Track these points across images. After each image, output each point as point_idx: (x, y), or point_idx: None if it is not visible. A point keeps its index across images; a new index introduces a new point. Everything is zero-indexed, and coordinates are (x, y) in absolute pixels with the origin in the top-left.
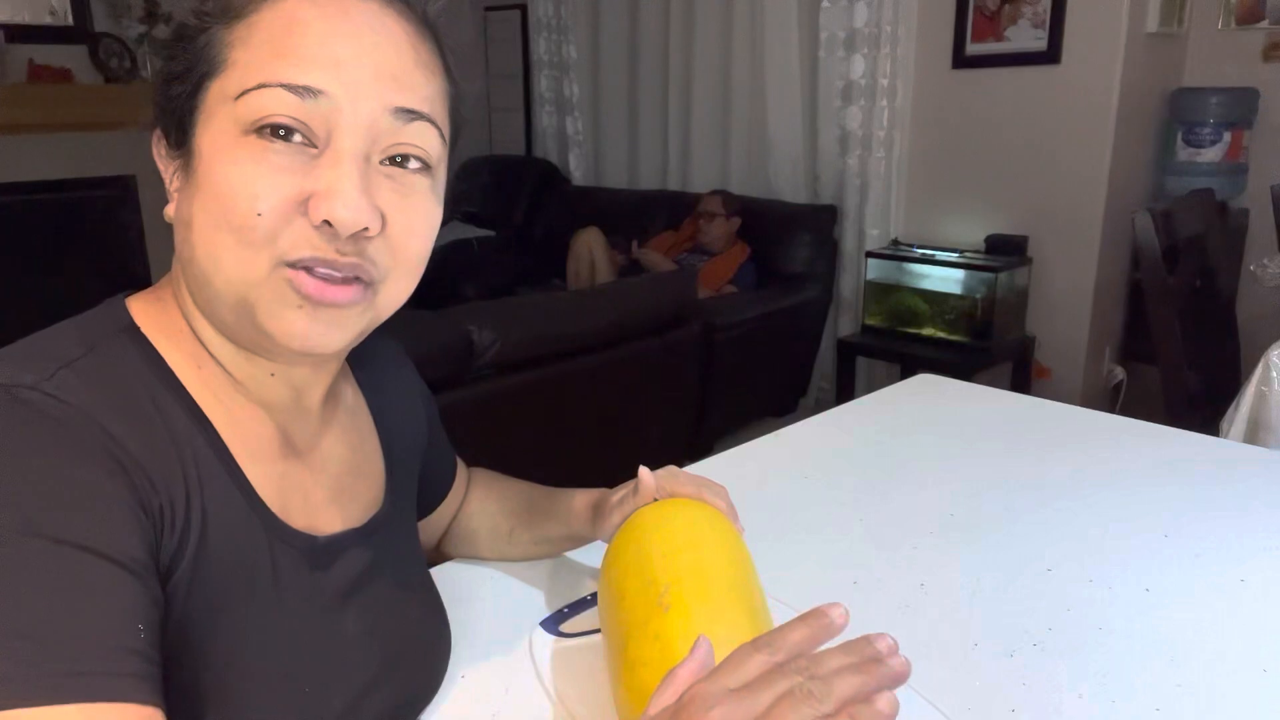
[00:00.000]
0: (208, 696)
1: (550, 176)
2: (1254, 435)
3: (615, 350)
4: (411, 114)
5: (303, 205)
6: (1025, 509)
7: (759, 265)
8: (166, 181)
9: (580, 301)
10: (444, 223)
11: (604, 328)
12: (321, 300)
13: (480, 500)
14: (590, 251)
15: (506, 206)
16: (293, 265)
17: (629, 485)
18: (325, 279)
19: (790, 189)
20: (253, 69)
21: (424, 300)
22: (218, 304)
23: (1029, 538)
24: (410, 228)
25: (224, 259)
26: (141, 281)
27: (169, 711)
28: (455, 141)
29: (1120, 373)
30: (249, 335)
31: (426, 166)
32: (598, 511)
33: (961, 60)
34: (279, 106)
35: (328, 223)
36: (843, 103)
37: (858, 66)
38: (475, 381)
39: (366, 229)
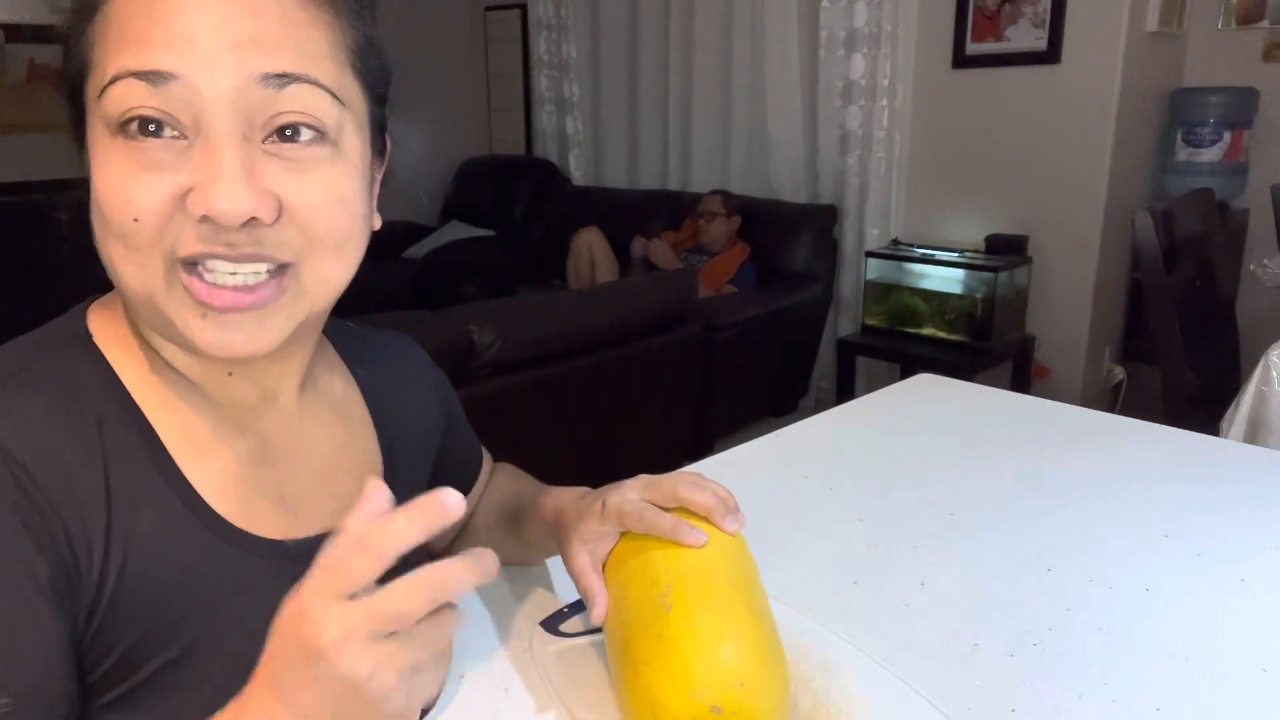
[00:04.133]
0: (183, 711)
1: (550, 176)
2: (1254, 435)
3: (615, 350)
4: (284, 78)
5: (182, 201)
6: (1025, 509)
7: (759, 265)
8: None
9: (580, 301)
10: (444, 223)
11: (604, 328)
12: (223, 306)
13: (487, 499)
14: (590, 251)
15: (506, 206)
16: (187, 264)
17: (594, 511)
18: (224, 283)
19: (790, 189)
20: (107, 63)
21: (424, 300)
22: (136, 311)
23: (1029, 538)
24: (315, 205)
25: (120, 266)
26: None
27: None
28: (382, 95)
29: (1120, 373)
30: (177, 340)
31: (321, 135)
32: (560, 526)
33: (961, 60)
34: (135, 99)
35: (208, 217)
36: (843, 103)
37: (858, 66)
38: (475, 381)
39: (256, 218)
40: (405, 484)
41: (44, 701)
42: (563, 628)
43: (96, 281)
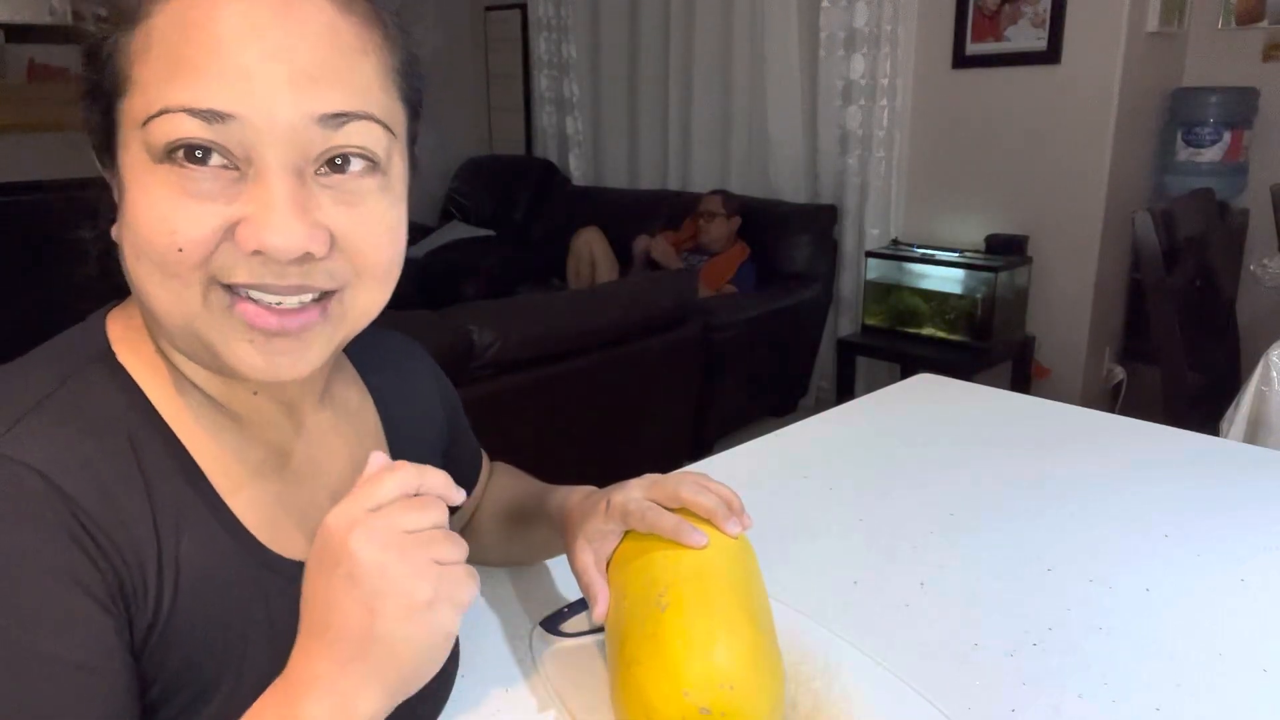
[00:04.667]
0: None
1: (550, 176)
2: (1254, 435)
3: (615, 350)
4: (341, 117)
5: (231, 232)
6: (1025, 509)
7: (759, 265)
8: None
9: (580, 301)
10: (444, 223)
11: (604, 328)
12: (270, 330)
13: (487, 500)
14: (590, 251)
15: (506, 206)
16: (230, 288)
17: (599, 510)
18: (272, 301)
19: (790, 189)
20: (153, 91)
21: (424, 300)
22: (169, 334)
23: (1029, 538)
24: (365, 238)
25: (155, 292)
26: None
27: None
28: (416, 115)
29: (1120, 373)
30: (210, 363)
31: (374, 165)
32: (565, 526)
33: (961, 60)
34: (185, 131)
35: (260, 252)
36: (843, 103)
37: (858, 66)
38: (475, 381)
39: (309, 254)
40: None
41: None
42: (563, 628)
43: (97, 281)
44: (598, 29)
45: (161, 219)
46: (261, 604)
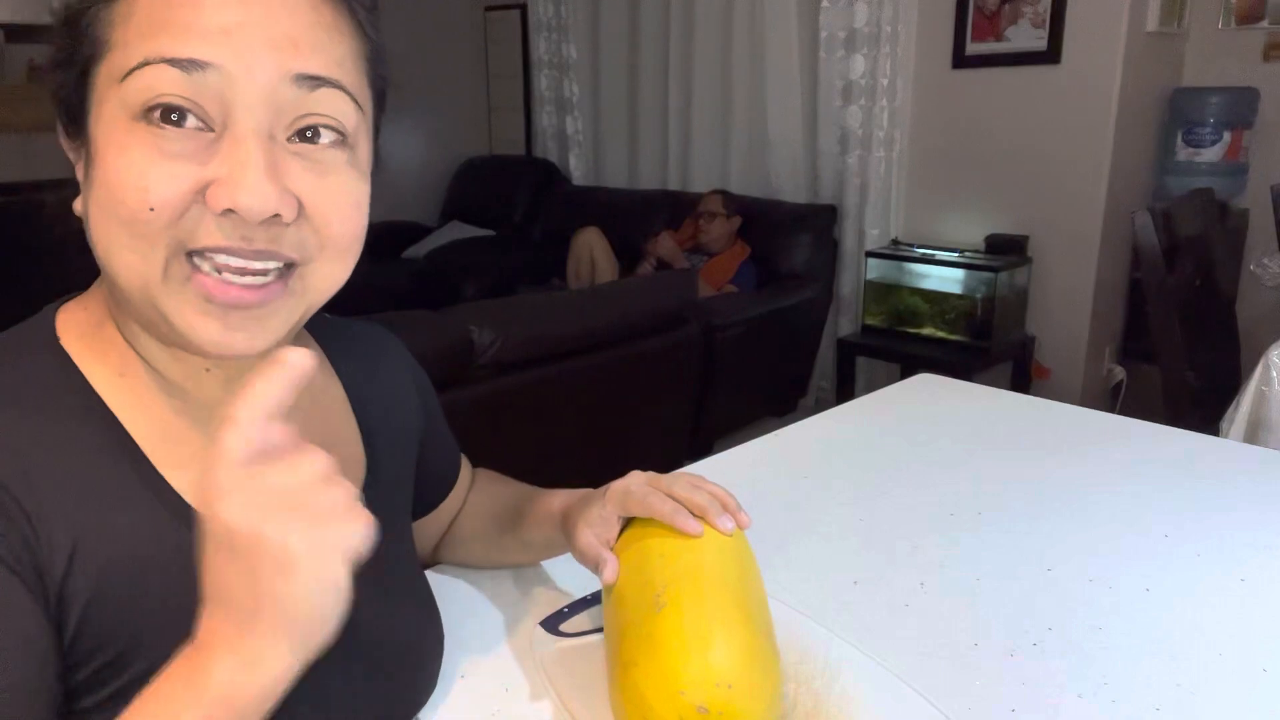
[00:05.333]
0: None
1: (550, 176)
2: (1254, 435)
3: (615, 350)
4: (316, 80)
5: (201, 194)
6: (1025, 509)
7: (759, 265)
8: (78, 175)
9: (580, 301)
10: (444, 223)
11: (604, 328)
12: (229, 302)
13: (474, 503)
14: (590, 251)
15: (506, 206)
16: (194, 255)
17: (599, 497)
18: (234, 276)
19: (790, 189)
20: (134, 47)
21: (424, 300)
22: (127, 302)
23: (1029, 538)
24: (333, 208)
25: (119, 255)
26: None
27: None
28: (381, 105)
29: (1120, 373)
30: (166, 335)
31: (342, 138)
32: (567, 520)
33: (961, 60)
34: (165, 85)
35: (231, 211)
36: (843, 102)
37: (858, 66)
38: (475, 381)
39: (278, 215)
40: (388, 477)
41: (24, 699)
42: (563, 628)
43: (95, 281)
44: (598, 29)
45: (137, 177)
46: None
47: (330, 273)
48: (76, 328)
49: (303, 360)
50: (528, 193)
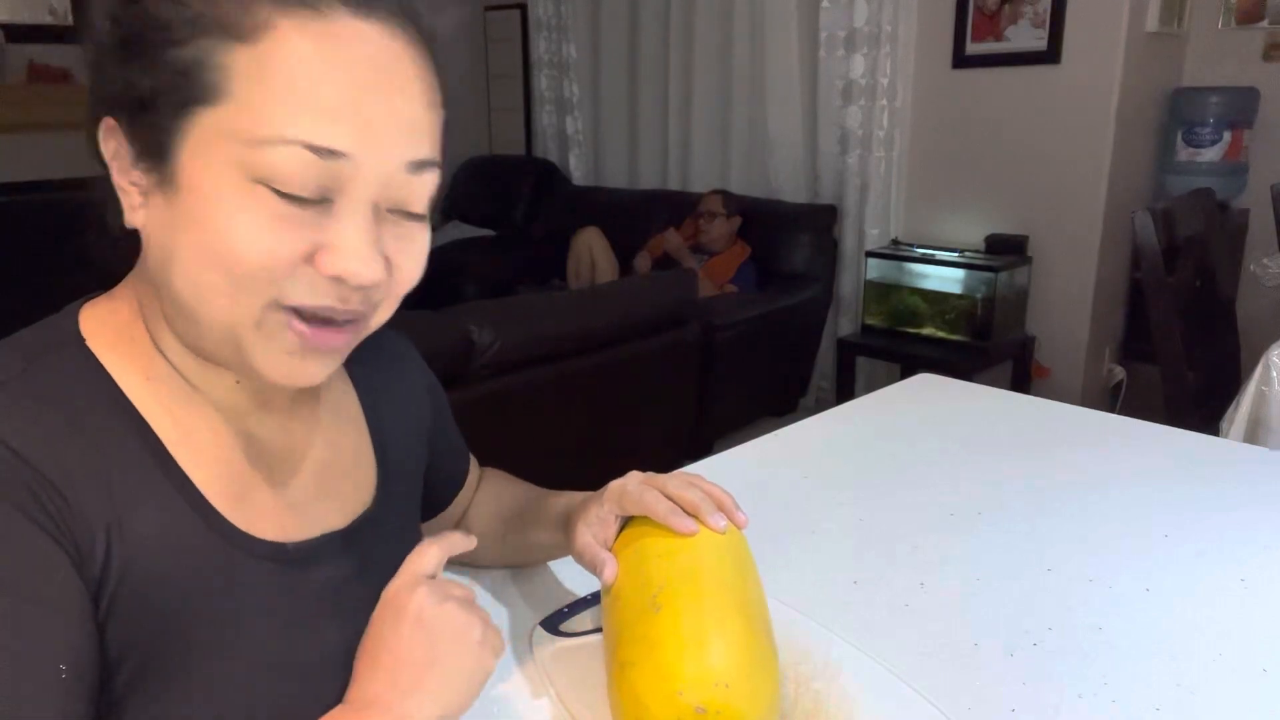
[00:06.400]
0: (162, 712)
1: (550, 176)
2: (1254, 435)
3: (615, 350)
4: (423, 165)
5: (310, 256)
6: (1025, 509)
7: (759, 265)
8: (120, 182)
9: (580, 301)
10: (444, 223)
11: (604, 328)
12: (318, 347)
13: (481, 502)
14: (590, 251)
15: (506, 206)
16: (290, 309)
17: (597, 497)
18: (325, 327)
19: (790, 189)
20: (267, 116)
21: (424, 300)
22: (199, 334)
23: (1029, 538)
24: (412, 270)
25: (213, 301)
26: None
27: None
28: None
29: (1120, 373)
30: (229, 362)
31: (426, 212)
32: (568, 522)
33: (961, 60)
34: (301, 169)
35: (340, 279)
36: (843, 102)
37: (858, 66)
38: (475, 381)
39: (378, 283)
40: (397, 484)
41: (81, 686)
42: (563, 628)
43: (95, 281)
44: (598, 29)
45: (253, 238)
46: (227, 581)
47: (388, 313)
48: (102, 328)
49: (467, 543)
50: (528, 193)
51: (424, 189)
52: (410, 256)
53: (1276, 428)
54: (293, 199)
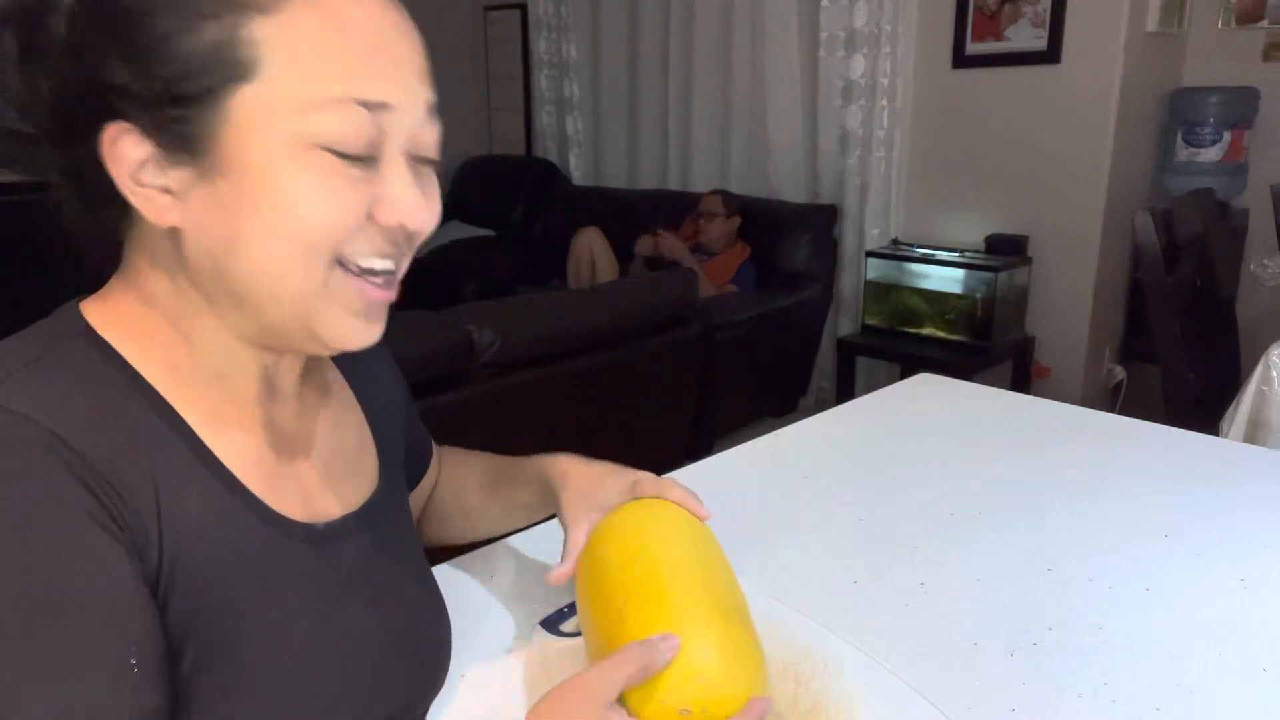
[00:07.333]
0: (220, 697)
1: (550, 176)
2: (1254, 435)
3: (615, 350)
4: (436, 108)
5: (369, 213)
6: (1025, 509)
7: (759, 265)
8: (136, 188)
9: (580, 301)
10: (444, 223)
11: (604, 328)
12: (379, 301)
13: (448, 478)
14: (590, 251)
15: (506, 206)
16: (353, 268)
17: (616, 484)
18: (384, 283)
19: (790, 189)
20: (313, 79)
21: (424, 300)
22: (261, 314)
23: (1029, 538)
24: (434, 221)
25: (289, 274)
26: None
27: (184, 713)
28: None
29: (1120, 373)
30: (290, 336)
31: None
32: (548, 483)
33: (961, 60)
34: (358, 127)
35: (402, 226)
36: (843, 102)
37: (858, 66)
38: (475, 381)
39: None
40: (394, 465)
41: (158, 665)
42: (563, 627)
43: (95, 281)
44: (598, 29)
45: (323, 204)
46: (269, 561)
47: (407, 263)
48: (107, 322)
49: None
50: (528, 193)
51: (437, 134)
52: (436, 203)
53: (1276, 428)
54: (350, 158)
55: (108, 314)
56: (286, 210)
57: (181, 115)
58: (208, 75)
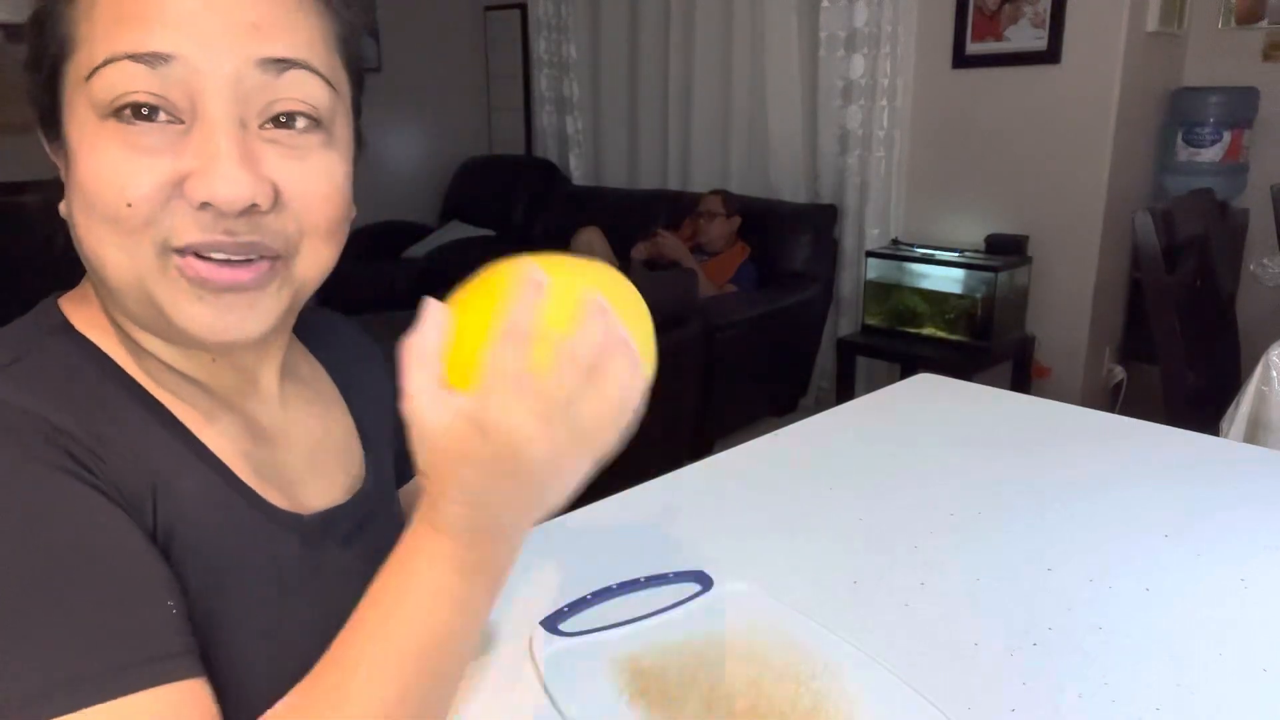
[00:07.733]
0: (220, 691)
1: (550, 176)
2: (1254, 435)
3: None
4: (283, 63)
5: (179, 187)
6: (1025, 509)
7: (759, 265)
8: (63, 177)
9: None
10: (444, 223)
11: None
12: (221, 285)
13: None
14: (590, 251)
15: (506, 206)
16: (180, 251)
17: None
18: (221, 263)
19: (790, 189)
20: (97, 44)
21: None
22: (121, 299)
23: (1029, 538)
24: (312, 192)
25: (107, 254)
26: None
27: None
28: (359, 85)
29: (1120, 373)
30: (163, 329)
31: (316, 122)
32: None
33: (961, 60)
34: (130, 82)
35: (208, 204)
36: (843, 102)
37: (858, 66)
38: None
39: (256, 205)
40: (377, 461)
41: (187, 621)
42: (562, 627)
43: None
44: (598, 29)
45: (111, 174)
46: (263, 548)
47: (317, 258)
48: (84, 317)
49: (544, 277)
50: (528, 193)
51: (297, 92)
52: (306, 177)
53: (1276, 428)
54: (143, 122)
55: (81, 307)
56: (82, 185)
57: (44, 101)
58: (47, 55)
